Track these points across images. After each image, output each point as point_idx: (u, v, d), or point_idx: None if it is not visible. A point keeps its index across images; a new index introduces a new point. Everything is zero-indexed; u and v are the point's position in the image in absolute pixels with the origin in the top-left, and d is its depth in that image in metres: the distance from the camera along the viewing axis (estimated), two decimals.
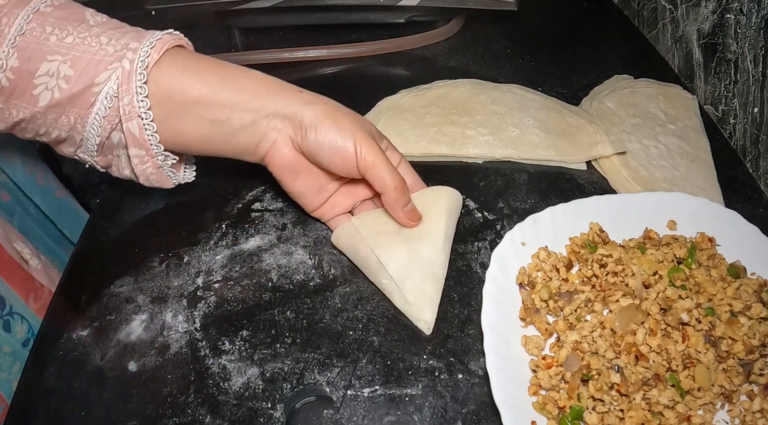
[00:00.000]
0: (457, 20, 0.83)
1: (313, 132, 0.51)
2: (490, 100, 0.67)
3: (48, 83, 0.47)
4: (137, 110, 0.49)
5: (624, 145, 0.63)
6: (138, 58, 0.48)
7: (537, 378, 0.46)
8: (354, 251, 0.55)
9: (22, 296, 0.62)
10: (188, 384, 0.48)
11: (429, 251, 0.53)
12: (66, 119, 0.49)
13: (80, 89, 0.48)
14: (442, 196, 0.56)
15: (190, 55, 0.52)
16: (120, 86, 0.48)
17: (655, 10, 0.83)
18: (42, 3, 0.48)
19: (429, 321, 0.50)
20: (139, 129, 0.49)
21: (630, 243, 0.54)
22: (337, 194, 0.58)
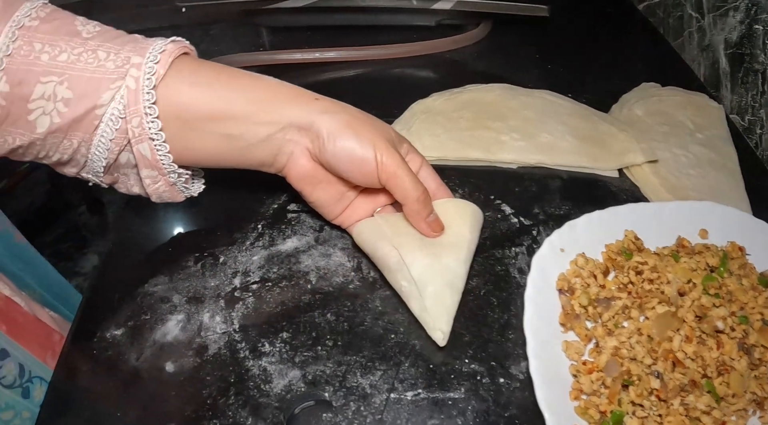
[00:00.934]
0: (485, 24, 0.83)
1: (331, 143, 0.48)
2: (522, 105, 0.68)
3: (45, 107, 0.43)
4: (147, 132, 0.45)
5: (655, 153, 0.64)
6: (143, 75, 0.44)
7: (578, 383, 0.46)
8: (374, 248, 0.53)
9: (40, 356, 0.60)
10: (228, 386, 0.48)
11: (451, 261, 0.52)
12: (68, 142, 0.46)
13: (82, 113, 0.44)
14: (466, 210, 0.55)
15: (197, 65, 0.48)
16: (127, 107, 0.44)
17: (681, 19, 0.83)
18: (26, 16, 0.44)
19: (445, 331, 0.49)
20: (151, 150, 0.47)
21: (664, 251, 0.54)
22: (357, 200, 0.56)
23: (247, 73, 0.50)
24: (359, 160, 0.49)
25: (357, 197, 0.56)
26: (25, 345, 0.59)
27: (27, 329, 0.60)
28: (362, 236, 0.55)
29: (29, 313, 0.61)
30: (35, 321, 0.61)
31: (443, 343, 0.49)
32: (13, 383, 0.58)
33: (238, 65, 0.75)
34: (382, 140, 0.49)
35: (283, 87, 0.51)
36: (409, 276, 0.51)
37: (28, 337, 0.59)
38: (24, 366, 0.58)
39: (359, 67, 0.80)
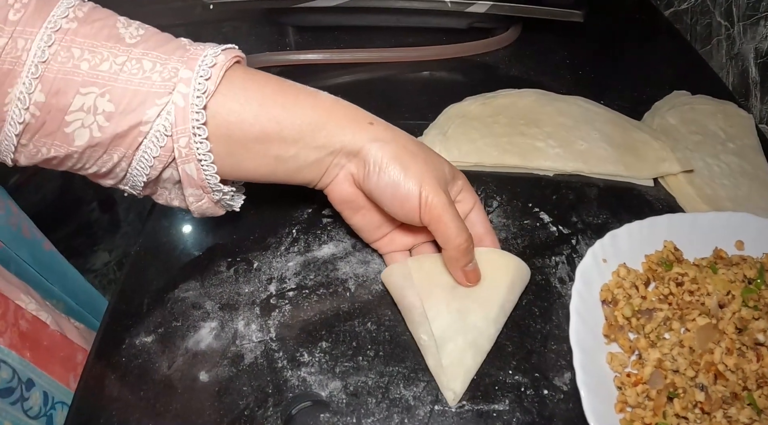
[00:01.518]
0: (515, 28, 0.83)
1: (375, 174, 0.46)
2: (557, 111, 0.67)
3: (84, 120, 0.41)
4: (195, 153, 0.43)
5: (690, 163, 0.63)
6: (192, 92, 0.42)
7: (624, 395, 0.46)
8: (401, 295, 0.51)
9: (63, 379, 0.59)
10: (266, 397, 0.47)
11: (479, 319, 0.49)
12: (108, 157, 0.43)
13: (125, 129, 0.41)
14: (509, 265, 0.52)
15: (248, 79, 0.45)
16: (174, 126, 0.42)
17: (710, 26, 0.82)
18: (63, 17, 0.40)
19: (458, 392, 0.46)
20: (198, 171, 0.44)
21: (702, 262, 0.54)
22: (396, 230, 0.54)
23: (302, 88, 0.48)
24: (402, 196, 0.46)
25: (396, 228, 0.54)
26: (49, 370, 0.58)
27: (52, 352, 0.59)
28: (391, 279, 0.53)
29: (56, 332, 0.60)
30: (61, 340, 0.60)
31: (453, 404, 0.46)
32: (38, 413, 0.57)
33: (264, 65, 0.74)
34: (430, 177, 0.47)
35: (339, 108, 0.48)
36: (429, 330, 0.48)
37: (52, 360, 0.58)
38: (48, 393, 0.57)
39: (389, 69, 0.79)
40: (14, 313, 0.55)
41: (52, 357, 0.58)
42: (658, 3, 0.95)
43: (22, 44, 0.39)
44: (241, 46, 0.79)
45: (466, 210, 0.52)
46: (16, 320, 0.55)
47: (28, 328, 0.56)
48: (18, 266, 0.68)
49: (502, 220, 0.59)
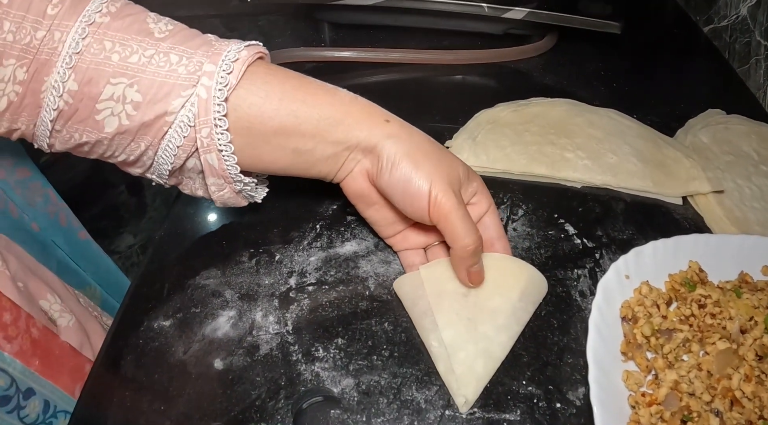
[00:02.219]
0: (551, 36, 0.82)
1: (388, 171, 0.47)
2: (588, 123, 0.66)
3: (114, 109, 0.43)
4: (216, 143, 0.45)
5: (721, 183, 0.62)
6: (215, 85, 0.44)
7: (637, 415, 0.45)
8: (412, 304, 0.51)
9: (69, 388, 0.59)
10: (278, 389, 0.47)
11: (489, 329, 0.49)
12: (136, 145, 0.46)
13: (152, 118, 0.44)
14: (521, 273, 0.52)
15: (270, 74, 0.47)
16: (197, 117, 0.44)
17: (749, 45, 0.81)
18: (96, 12, 0.43)
19: (470, 399, 0.46)
20: (219, 161, 0.46)
21: (726, 285, 0.53)
22: (409, 229, 0.55)
23: (321, 85, 0.49)
24: (413, 194, 0.47)
25: (410, 226, 0.55)
26: (55, 379, 0.57)
27: (61, 361, 0.59)
28: (403, 289, 0.53)
29: (65, 343, 0.60)
30: (69, 351, 0.60)
31: (465, 410, 0.46)
32: (36, 420, 0.57)
33: (298, 60, 0.75)
34: (441, 176, 0.47)
35: (356, 105, 0.49)
36: (440, 338, 0.49)
37: (61, 370, 0.58)
38: (50, 401, 0.57)
39: (422, 71, 0.79)
40: (26, 321, 0.56)
41: (62, 367, 0.58)
42: (698, 19, 0.94)
43: (59, 36, 0.42)
44: (277, 40, 0.80)
45: (480, 213, 0.53)
46: (28, 328, 0.56)
47: (39, 336, 0.57)
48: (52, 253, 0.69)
49: (526, 229, 0.59)
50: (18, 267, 0.60)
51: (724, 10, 0.87)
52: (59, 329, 0.61)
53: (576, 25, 0.73)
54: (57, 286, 0.65)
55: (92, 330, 0.65)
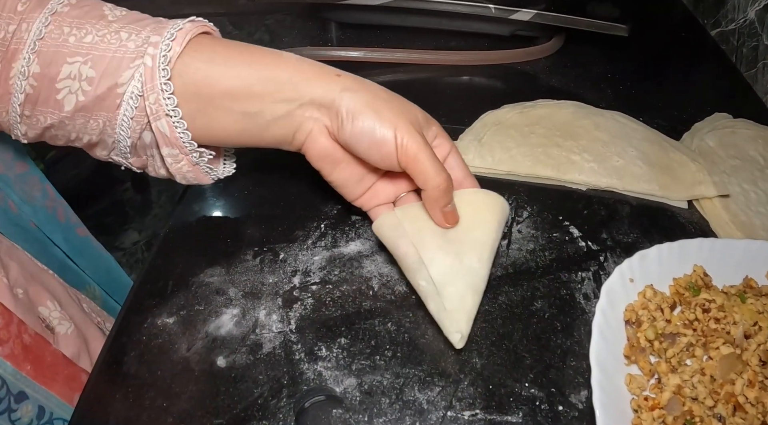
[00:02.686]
0: (558, 38, 0.82)
1: (350, 123, 0.47)
2: (594, 125, 0.66)
3: (71, 87, 0.45)
4: (164, 108, 0.46)
5: (727, 187, 0.62)
6: (159, 52, 0.45)
7: (639, 419, 0.45)
8: (394, 245, 0.52)
9: (66, 397, 0.59)
10: (281, 388, 0.47)
11: (474, 261, 0.50)
12: (95, 123, 0.47)
13: (104, 91, 0.46)
14: (495, 204, 0.53)
15: (216, 43, 0.49)
16: (144, 85, 0.45)
17: (756, 49, 0.81)
18: (59, 3, 0.46)
19: (465, 333, 0.48)
20: (169, 128, 0.47)
21: (731, 290, 0.53)
22: (379, 182, 0.55)
23: (268, 50, 0.50)
24: (378, 141, 0.47)
25: (378, 180, 0.55)
26: (50, 386, 0.57)
27: (54, 369, 0.59)
28: (382, 230, 0.53)
29: (58, 351, 0.60)
30: (62, 360, 0.60)
31: (461, 345, 0.48)
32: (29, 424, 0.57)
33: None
34: (404, 121, 0.48)
35: (304, 64, 0.50)
36: (427, 276, 0.49)
37: (55, 378, 0.58)
38: (45, 407, 0.57)
39: (429, 71, 0.79)
40: (17, 326, 0.56)
41: (55, 374, 0.58)
42: (705, 22, 0.94)
43: (25, 27, 0.45)
44: (284, 39, 0.80)
45: (444, 155, 0.53)
46: (20, 333, 0.56)
47: (31, 343, 0.57)
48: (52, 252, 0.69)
49: (531, 231, 0.59)
50: (19, 274, 0.60)
51: (731, 14, 0.87)
52: (57, 336, 0.61)
53: (583, 27, 0.73)
54: (59, 292, 0.66)
55: (92, 337, 0.66)
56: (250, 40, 0.56)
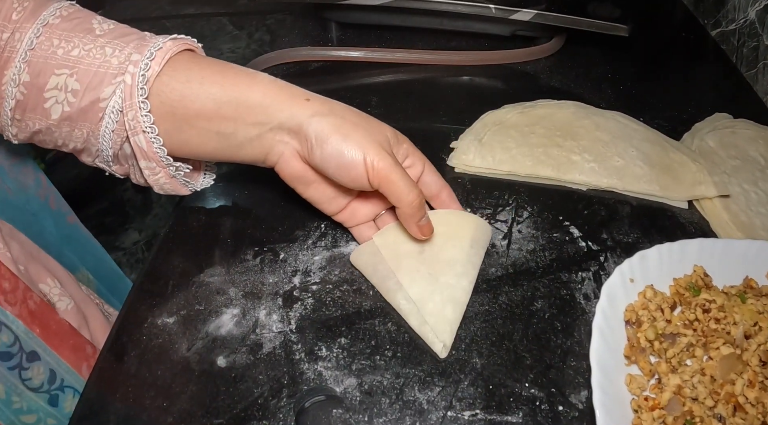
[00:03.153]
0: (559, 38, 0.82)
1: (319, 148, 0.49)
2: (594, 125, 0.66)
3: (57, 97, 0.48)
4: (141, 125, 0.48)
5: (727, 188, 0.62)
6: (138, 71, 0.47)
7: (639, 419, 0.45)
8: (373, 271, 0.54)
9: (75, 366, 0.60)
10: (281, 388, 0.47)
11: (450, 278, 0.52)
12: (79, 132, 0.49)
13: (87, 104, 0.48)
14: (468, 223, 0.56)
15: (194, 63, 0.50)
16: (124, 101, 0.47)
17: (756, 50, 0.81)
18: (51, 15, 0.48)
19: (447, 343, 0.49)
20: (147, 143, 0.49)
21: (731, 290, 0.53)
22: (355, 202, 0.56)
23: (244, 71, 0.51)
24: (348, 164, 0.49)
25: (354, 199, 0.56)
26: (60, 353, 0.59)
27: (61, 337, 0.60)
28: (361, 259, 0.55)
29: (64, 320, 0.61)
30: (69, 329, 0.61)
31: (444, 355, 0.49)
32: (39, 387, 0.58)
33: (305, 59, 0.75)
34: (373, 143, 0.49)
35: (275, 87, 0.51)
36: (407, 296, 0.51)
37: (62, 345, 0.59)
38: (56, 372, 0.58)
39: (429, 72, 0.79)
40: (23, 292, 0.57)
41: (62, 342, 0.59)
42: (706, 22, 0.94)
43: (18, 36, 0.47)
44: (284, 38, 0.80)
45: (418, 173, 0.55)
46: (25, 299, 0.57)
47: (36, 309, 0.58)
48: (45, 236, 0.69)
49: (531, 231, 0.59)
50: (20, 252, 0.60)
51: (732, 14, 0.87)
52: (58, 312, 0.62)
53: (584, 27, 0.73)
54: (58, 271, 0.66)
55: (91, 315, 0.66)
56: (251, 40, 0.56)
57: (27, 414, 0.57)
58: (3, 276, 0.56)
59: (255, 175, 0.63)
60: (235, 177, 0.63)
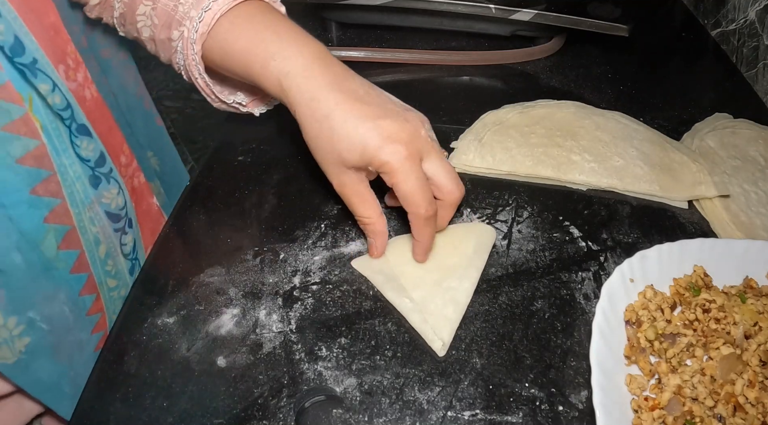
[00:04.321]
0: (559, 39, 0.82)
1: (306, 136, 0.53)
2: (595, 125, 0.66)
3: (145, 22, 0.55)
4: (196, 72, 0.55)
5: (727, 188, 0.62)
6: (192, 28, 0.52)
7: (639, 419, 0.45)
8: (378, 271, 0.55)
9: (147, 244, 0.65)
10: (281, 388, 0.47)
11: (452, 281, 0.54)
12: (162, 53, 0.57)
13: (164, 38, 0.55)
14: (473, 232, 0.58)
15: (237, 29, 0.53)
16: (185, 50, 0.53)
17: (756, 50, 0.81)
18: None
19: (446, 341, 0.50)
20: (202, 83, 0.56)
21: (731, 290, 0.53)
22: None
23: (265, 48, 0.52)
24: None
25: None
26: (142, 230, 0.65)
27: (146, 217, 0.66)
28: (365, 264, 0.56)
29: (154, 203, 0.68)
30: (157, 213, 0.68)
31: (442, 353, 0.49)
32: (129, 254, 0.63)
33: None
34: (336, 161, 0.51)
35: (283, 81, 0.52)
36: (410, 296, 0.52)
37: (144, 224, 0.65)
38: (137, 243, 0.63)
39: (429, 71, 0.79)
40: (134, 171, 0.64)
41: (145, 222, 0.65)
42: (706, 23, 0.94)
43: None
44: None
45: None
46: (133, 176, 0.64)
47: (138, 187, 0.64)
48: (135, 136, 0.72)
49: (531, 231, 0.59)
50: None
51: (732, 14, 0.87)
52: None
53: (584, 27, 0.73)
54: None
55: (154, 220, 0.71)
56: None
57: (113, 278, 0.61)
58: (123, 152, 0.63)
59: (255, 174, 0.64)
60: (235, 176, 0.63)
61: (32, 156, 0.48)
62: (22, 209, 0.48)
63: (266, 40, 0.52)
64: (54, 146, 0.51)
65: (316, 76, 0.51)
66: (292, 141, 0.68)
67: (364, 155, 0.49)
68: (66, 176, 0.52)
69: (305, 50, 0.51)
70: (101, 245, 0.57)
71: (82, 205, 0.55)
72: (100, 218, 0.57)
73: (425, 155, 0.50)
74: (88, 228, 0.55)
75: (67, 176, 0.53)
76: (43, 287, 0.51)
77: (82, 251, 0.55)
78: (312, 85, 0.50)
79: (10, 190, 0.47)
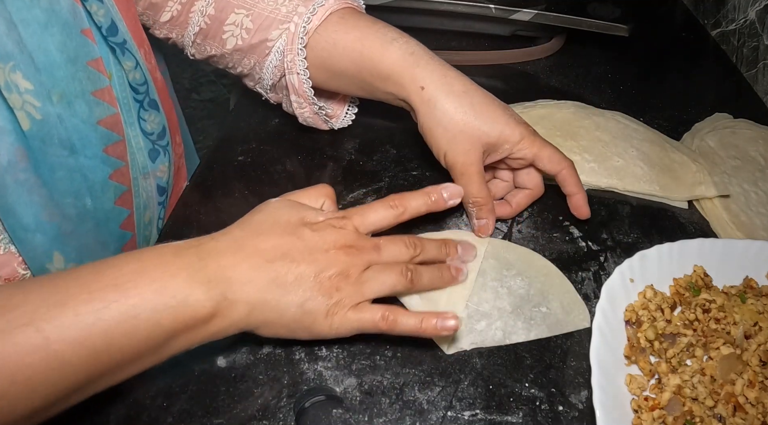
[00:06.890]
0: (559, 38, 0.82)
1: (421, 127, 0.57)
2: (594, 126, 0.66)
3: (233, 32, 0.59)
4: (297, 67, 0.58)
5: (727, 188, 0.62)
6: (301, 22, 0.57)
7: (639, 419, 0.45)
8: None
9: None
10: (281, 388, 0.47)
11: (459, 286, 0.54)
12: (248, 61, 0.61)
13: (257, 42, 0.59)
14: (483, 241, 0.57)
15: (341, 25, 0.58)
16: (286, 45, 0.58)
17: (756, 50, 0.81)
18: None
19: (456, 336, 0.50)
20: (299, 82, 0.59)
21: (731, 290, 0.53)
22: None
23: (381, 37, 0.57)
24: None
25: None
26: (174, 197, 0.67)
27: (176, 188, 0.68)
28: None
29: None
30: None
31: (450, 351, 0.49)
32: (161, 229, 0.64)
33: None
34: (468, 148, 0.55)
35: (401, 63, 0.56)
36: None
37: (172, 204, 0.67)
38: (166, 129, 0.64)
39: None
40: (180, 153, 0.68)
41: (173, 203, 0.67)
42: (706, 23, 0.94)
43: None
44: None
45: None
46: (180, 157, 0.68)
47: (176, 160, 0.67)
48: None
49: (531, 231, 0.59)
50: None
51: (732, 14, 0.87)
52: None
53: (584, 27, 0.73)
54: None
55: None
56: None
57: (164, 163, 0.63)
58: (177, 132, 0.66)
59: (255, 174, 0.63)
60: (235, 176, 0.63)
61: (110, 121, 0.54)
62: (95, 162, 0.53)
63: (381, 29, 0.58)
64: (124, 117, 0.56)
65: (436, 59, 0.56)
66: (292, 141, 0.68)
67: (505, 130, 0.55)
68: (131, 145, 0.57)
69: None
70: (147, 212, 0.61)
71: (140, 172, 0.59)
72: (151, 187, 0.61)
73: None
74: (141, 193, 0.60)
75: (131, 145, 0.57)
76: (101, 236, 0.57)
77: (132, 211, 0.59)
78: (438, 64, 0.56)
79: (89, 145, 0.52)
